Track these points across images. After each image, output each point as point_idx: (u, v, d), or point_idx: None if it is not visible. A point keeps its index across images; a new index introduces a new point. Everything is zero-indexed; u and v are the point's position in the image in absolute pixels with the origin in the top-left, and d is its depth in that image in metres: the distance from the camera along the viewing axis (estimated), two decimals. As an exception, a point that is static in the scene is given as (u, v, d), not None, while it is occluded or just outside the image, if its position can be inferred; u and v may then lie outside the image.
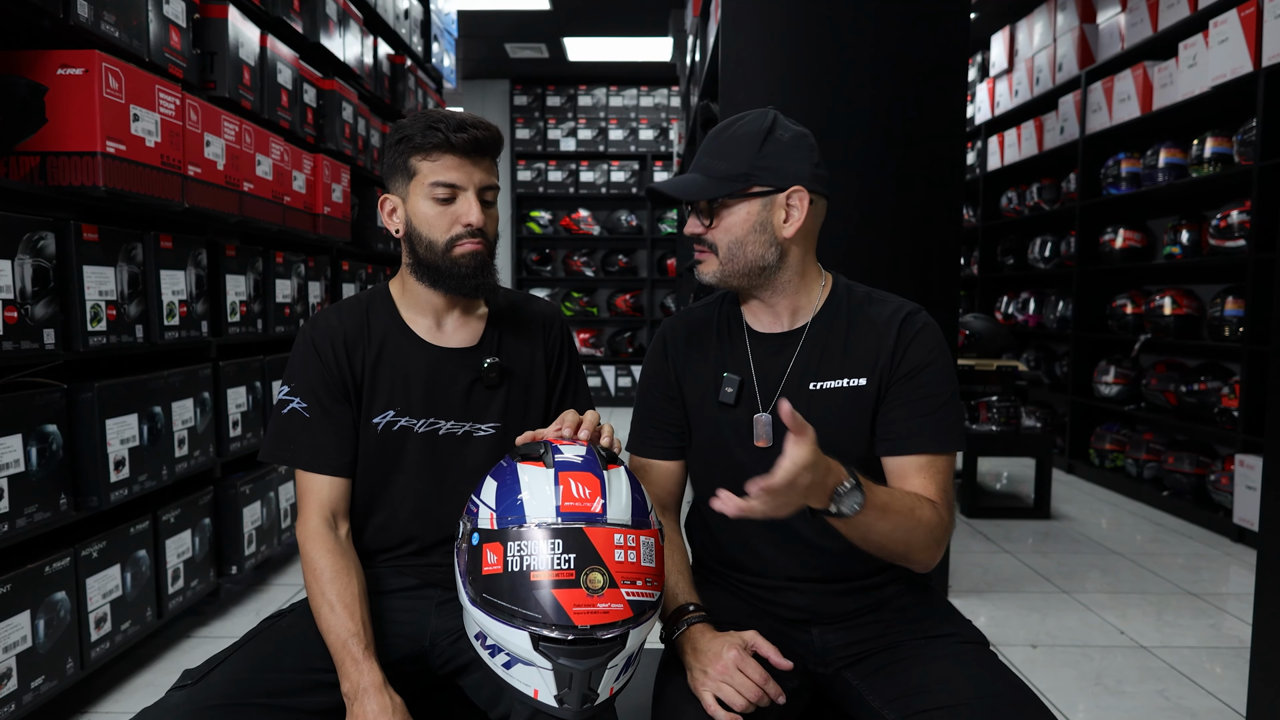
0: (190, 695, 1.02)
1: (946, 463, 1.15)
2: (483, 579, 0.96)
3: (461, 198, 1.20)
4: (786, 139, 1.16)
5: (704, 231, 1.18)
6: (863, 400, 1.17)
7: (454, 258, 1.20)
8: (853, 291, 1.24)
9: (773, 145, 1.15)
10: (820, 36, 2.41)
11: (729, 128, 1.18)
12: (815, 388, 1.18)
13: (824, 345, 1.19)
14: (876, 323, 1.19)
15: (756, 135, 1.15)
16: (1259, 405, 3.38)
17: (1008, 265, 5.61)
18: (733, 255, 1.16)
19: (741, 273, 1.17)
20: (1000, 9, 5.61)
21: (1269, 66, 3.19)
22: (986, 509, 3.87)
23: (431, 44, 4.55)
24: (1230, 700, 2.06)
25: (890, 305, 1.21)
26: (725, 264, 1.17)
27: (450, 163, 1.18)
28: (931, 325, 1.19)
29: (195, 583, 2.34)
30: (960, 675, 1.07)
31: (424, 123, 1.18)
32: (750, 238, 1.15)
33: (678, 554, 1.22)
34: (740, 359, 1.23)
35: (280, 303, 2.79)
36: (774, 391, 1.20)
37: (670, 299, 7.69)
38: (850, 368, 1.18)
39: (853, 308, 1.21)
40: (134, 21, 1.94)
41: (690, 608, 1.13)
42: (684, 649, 1.10)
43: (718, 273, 1.18)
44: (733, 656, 1.04)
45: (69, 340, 1.84)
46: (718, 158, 1.16)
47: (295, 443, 1.21)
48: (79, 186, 1.81)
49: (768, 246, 1.16)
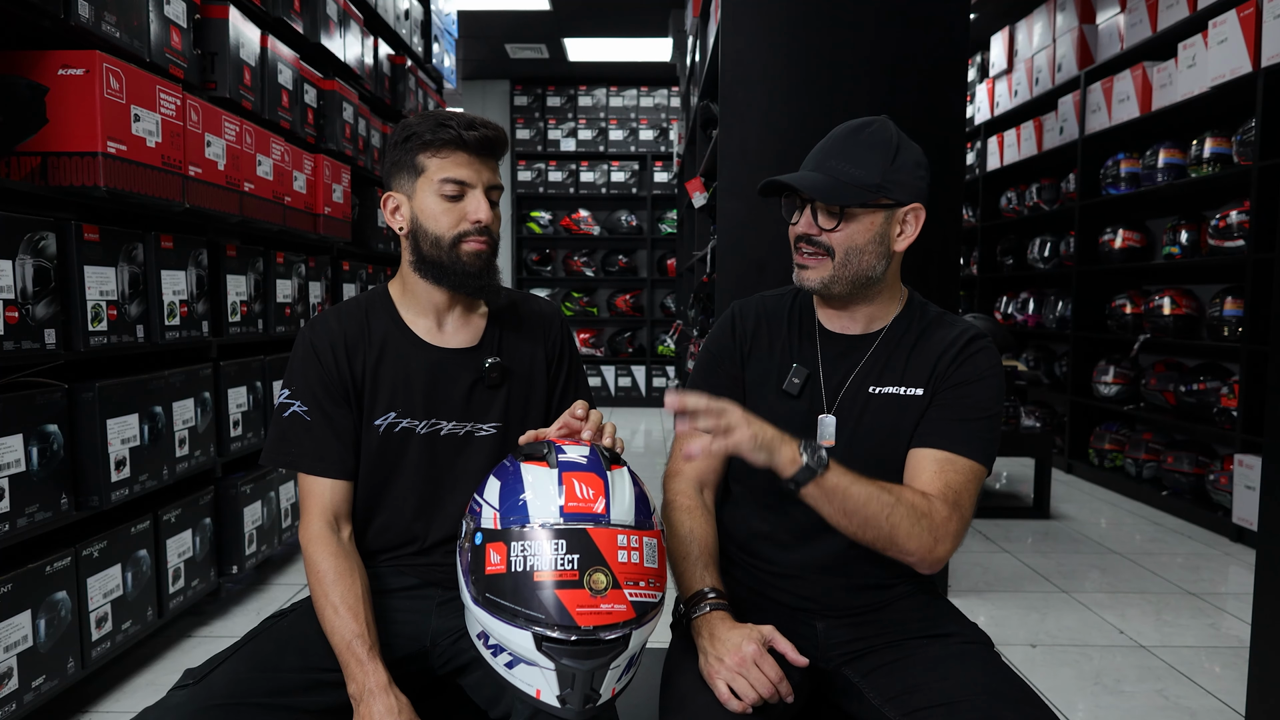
0: (191, 695, 1.02)
1: (967, 468, 1.14)
2: (486, 579, 0.96)
3: (470, 195, 1.20)
4: (912, 157, 1.18)
5: (819, 233, 1.17)
6: (914, 409, 1.19)
7: (459, 254, 1.20)
8: (926, 310, 1.27)
9: (903, 159, 1.16)
10: (820, 37, 2.42)
11: (859, 132, 1.17)
12: (874, 391, 1.20)
13: (890, 355, 1.22)
14: (942, 341, 1.21)
15: (889, 146, 1.16)
16: (1258, 405, 3.39)
17: (1007, 265, 5.61)
18: (848, 262, 1.17)
19: (850, 280, 1.18)
20: (1000, 9, 5.61)
21: (1268, 67, 3.19)
22: (986, 509, 3.87)
23: (432, 44, 4.55)
24: (1229, 699, 2.06)
25: (957, 328, 1.23)
26: (839, 269, 1.17)
27: (460, 160, 1.19)
28: (992, 350, 1.21)
29: (196, 582, 2.35)
30: (960, 673, 1.08)
31: (433, 120, 1.18)
32: (869, 248, 1.16)
33: (709, 534, 1.22)
34: (809, 354, 1.25)
35: (281, 303, 2.80)
36: (838, 390, 1.22)
37: (670, 299, 7.69)
38: (909, 378, 1.20)
39: (923, 324, 1.24)
40: (135, 22, 1.95)
41: (711, 593, 1.14)
42: (700, 633, 1.10)
43: (826, 279, 1.18)
44: (752, 651, 1.04)
45: (70, 340, 1.84)
46: (850, 163, 1.15)
47: (297, 446, 1.21)
48: (80, 187, 1.81)
49: (880, 259, 1.18)
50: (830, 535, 1.17)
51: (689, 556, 1.18)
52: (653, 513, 1.03)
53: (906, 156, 1.17)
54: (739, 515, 1.28)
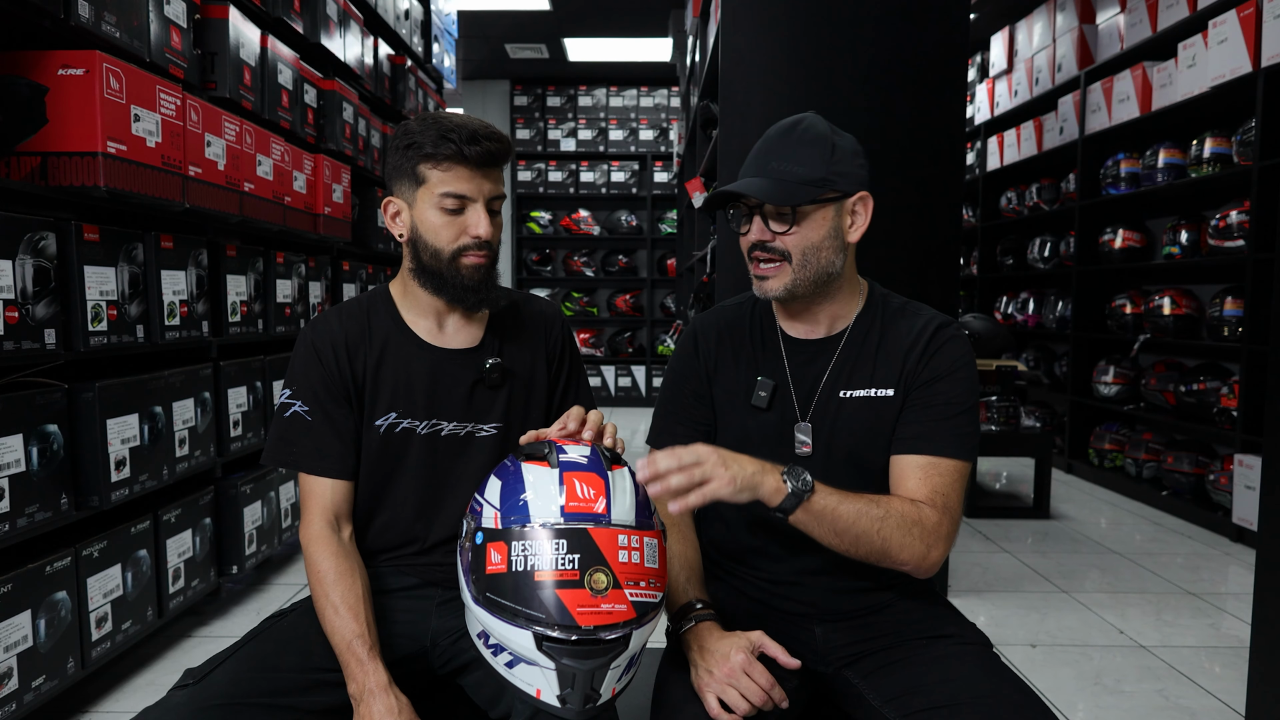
0: (191, 695, 1.02)
1: (951, 468, 1.13)
2: (486, 578, 0.96)
3: (470, 209, 1.19)
4: (848, 146, 1.16)
5: (773, 239, 1.14)
6: (888, 411, 1.17)
7: (459, 268, 1.20)
8: (888, 302, 1.24)
9: (841, 149, 1.15)
10: (820, 37, 2.42)
11: (792, 131, 1.16)
12: (845, 395, 1.19)
13: (857, 356, 1.20)
14: (908, 335, 1.19)
15: (825, 139, 1.14)
16: (1258, 405, 3.38)
17: (1007, 265, 5.61)
18: (807, 263, 1.14)
19: (813, 280, 1.16)
20: (1000, 9, 5.61)
21: (1268, 67, 3.19)
22: (986, 509, 3.87)
23: (432, 44, 4.55)
24: (1229, 700, 2.06)
25: (923, 317, 1.21)
26: (799, 271, 1.14)
27: (461, 174, 1.17)
28: (960, 339, 1.19)
29: (196, 582, 2.35)
30: (960, 675, 1.08)
31: (436, 131, 1.16)
32: (825, 244, 1.15)
33: (690, 549, 1.22)
34: (775, 364, 1.23)
35: (281, 303, 2.79)
36: (810, 398, 1.20)
37: (670, 299, 7.69)
38: (879, 378, 1.18)
39: (887, 318, 1.22)
40: (135, 22, 1.95)
41: (698, 604, 1.13)
42: (689, 646, 1.10)
43: (789, 284, 1.15)
44: (740, 660, 1.04)
45: (70, 340, 1.84)
46: (791, 161, 1.13)
47: (297, 446, 1.21)
48: (80, 187, 1.81)
49: (837, 253, 1.16)
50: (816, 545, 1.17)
51: (672, 573, 1.17)
52: (653, 513, 1.03)
53: (844, 146, 1.15)
54: (729, 532, 1.28)
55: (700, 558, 1.24)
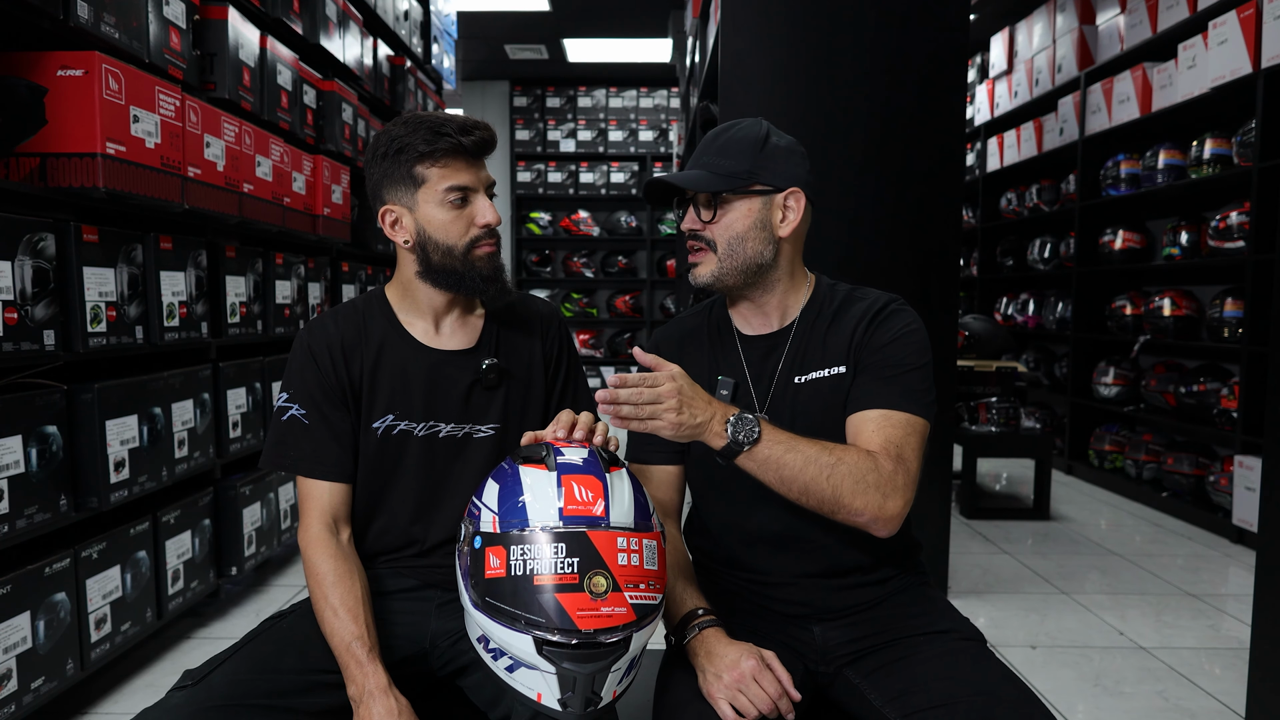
0: (191, 696, 1.02)
1: (903, 421, 1.13)
2: (485, 583, 0.96)
3: (474, 199, 1.20)
4: (783, 145, 1.22)
5: (702, 228, 1.20)
6: (842, 386, 1.19)
7: (474, 260, 1.21)
8: (835, 290, 1.27)
9: (772, 148, 1.20)
10: (820, 38, 2.42)
11: (727, 130, 1.22)
12: (800, 381, 1.21)
13: (808, 342, 1.23)
14: (854, 316, 1.22)
15: (757, 138, 1.20)
16: (1258, 406, 3.38)
17: (1007, 266, 5.61)
18: (732, 251, 1.18)
19: (739, 270, 1.19)
20: (1000, 10, 5.62)
21: (1268, 68, 3.19)
22: (986, 510, 3.87)
23: (431, 45, 4.55)
24: (1229, 701, 2.06)
25: (868, 299, 1.24)
26: (724, 260, 1.19)
27: (461, 166, 1.18)
28: (906, 311, 1.22)
29: (195, 584, 2.34)
30: (958, 672, 1.08)
31: (427, 129, 1.16)
32: (750, 234, 1.18)
33: (681, 559, 1.23)
34: (733, 363, 1.26)
35: (280, 304, 2.79)
36: (768, 391, 1.23)
37: (670, 300, 7.69)
38: (830, 358, 1.21)
39: (835, 305, 1.25)
40: (134, 23, 1.94)
41: (700, 612, 1.14)
42: (696, 653, 1.10)
43: (715, 271, 1.20)
44: (751, 666, 1.04)
45: (69, 341, 1.84)
46: (720, 156, 1.19)
47: (295, 449, 1.21)
48: (79, 188, 1.81)
49: (765, 244, 1.19)
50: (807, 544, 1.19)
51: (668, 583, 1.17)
52: (652, 514, 1.02)
53: (777, 144, 1.20)
54: (715, 543, 1.29)
55: (691, 564, 1.26)
